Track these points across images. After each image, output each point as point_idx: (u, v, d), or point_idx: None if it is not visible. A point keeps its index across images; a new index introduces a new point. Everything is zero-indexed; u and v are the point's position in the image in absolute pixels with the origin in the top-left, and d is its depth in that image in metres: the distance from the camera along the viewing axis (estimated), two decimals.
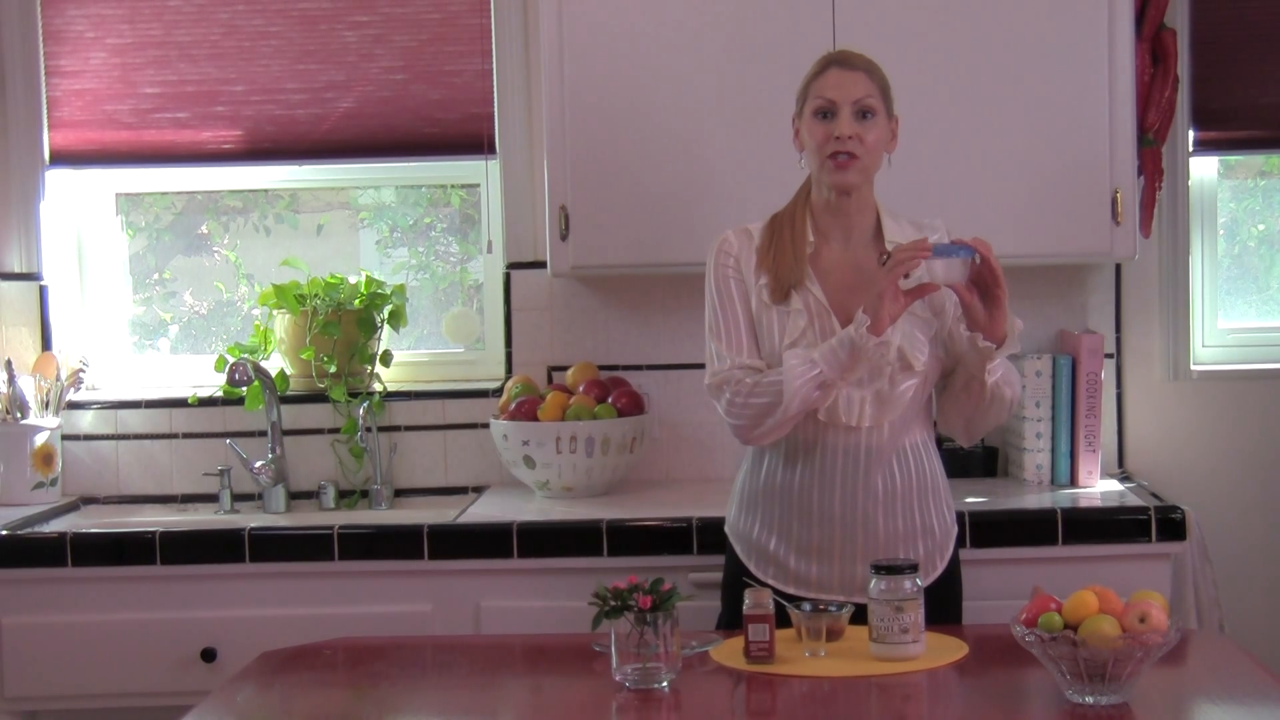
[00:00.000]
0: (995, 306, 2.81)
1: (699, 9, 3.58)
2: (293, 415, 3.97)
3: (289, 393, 3.98)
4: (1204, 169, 3.98)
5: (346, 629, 3.22)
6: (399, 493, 3.98)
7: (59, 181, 4.07)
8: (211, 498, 3.97)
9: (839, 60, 2.92)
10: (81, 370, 4.00)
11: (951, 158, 3.54)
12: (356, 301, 3.98)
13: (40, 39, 4.01)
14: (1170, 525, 3.33)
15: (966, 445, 3.03)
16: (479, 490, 3.93)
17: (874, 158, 2.89)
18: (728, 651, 2.71)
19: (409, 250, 4.22)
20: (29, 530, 3.60)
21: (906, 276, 2.79)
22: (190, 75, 4.00)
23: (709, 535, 3.30)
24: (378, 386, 3.99)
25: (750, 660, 2.64)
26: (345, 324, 3.95)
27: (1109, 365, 3.87)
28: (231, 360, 3.88)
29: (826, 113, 2.87)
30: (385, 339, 4.04)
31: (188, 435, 4.00)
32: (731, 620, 2.95)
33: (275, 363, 4.04)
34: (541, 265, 3.83)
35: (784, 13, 3.55)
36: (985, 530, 3.32)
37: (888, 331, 2.78)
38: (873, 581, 2.64)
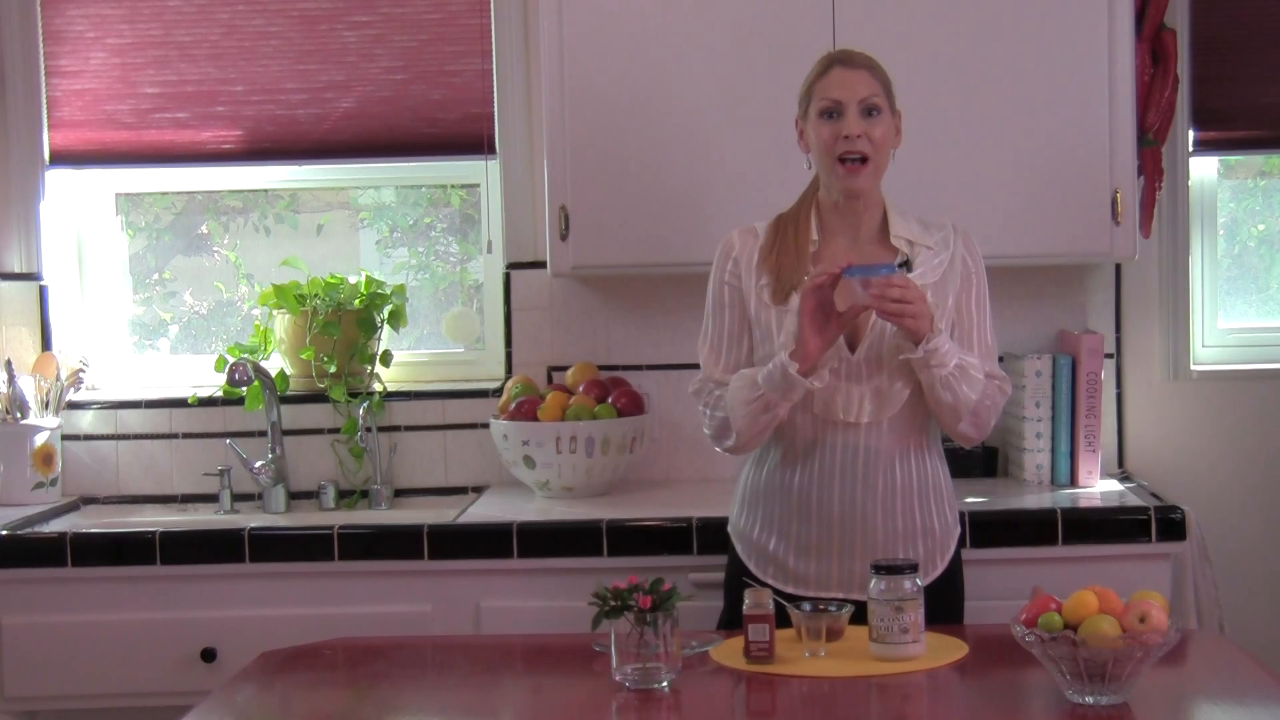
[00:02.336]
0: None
1: (699, 8, 3.58)
2: (293, 415, 3.97)
3: (289, 393, 3.98)
4: (1204, 169, 3.98)
5: (346, 629, 3.22)
6: (399, 493, 3.98)
7: (59, 181, 4.07)
8: (211, 498, 3.97)
9: (841, 59, 2.92)
10: (81, 370, 4.00)
11: (952, 158, 3.54)
12: (356, 301, 3.98)
13: (40, 39, 4.01)
14: (1170, 525, 3.33)
15: (965, 445, 3.03)
16: (479, 490, 3.93)
17: (883, 156, 2.90)
18: (728, 651, 2.71)
19: (409, 250, 4.22)
20: (29, 530, 3.60)
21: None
22: (190, 75, 4.01)
23: (709, 535, 3.30)
24: (378, 386, 3.99)
25: (750, 660, 2.64)
26: (345, 324, 3.95)
27: (1109, 365, 3.88)
28: (231, 360, 3.88)
29: (832, 113, 2.88)
30: (385, 339, 4.04)
31: (188, 435, 4.01)
32: (732, 620, 2.95)
33: (275, 363, 4.04)
34: (541, 265, 3.83)
35: (784, 12, 3.55)
36: (985, 530, 3.32)
37: (828, 356, 2.80)
38: (872, 581, 2.64)
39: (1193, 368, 3.93)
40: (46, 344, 4.04)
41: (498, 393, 3.94)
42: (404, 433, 3.99)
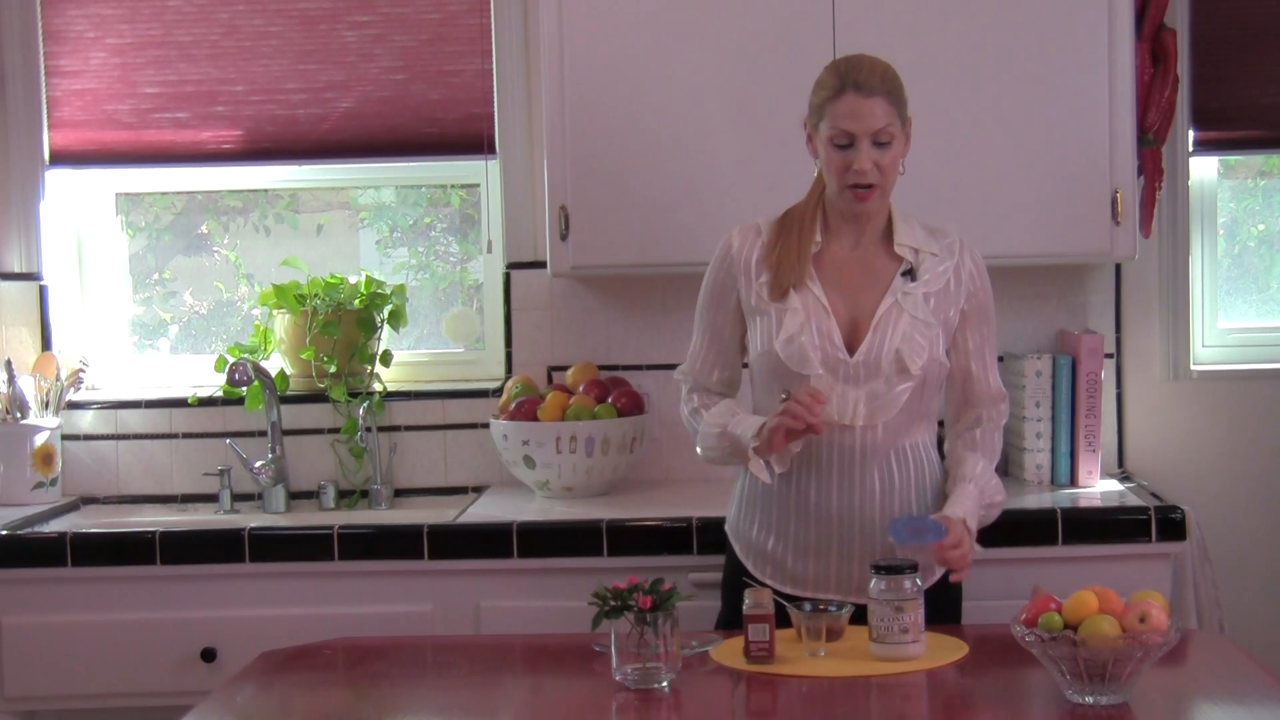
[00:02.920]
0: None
1: (699, 9, 3.58)
2: (293, 415, 3.97)
3: (289, 393, 3.98)
4: (1204, 169, 3.98)
5: (346, 629, 3.22)
6: (399, 493, 3.98)
7: (59, 181, 4.07)
8: (211, 498, 3.97)
9: (855, 84, 2.83)
10: (81, 370, 4.00)
11: (952, 158, 3.54)
12: (356, 301, 3.98)
13: (40, 39, 4.01)
14: (1170, 525, 3.33)
15: None
16: (479, 490, 3.93)
17: (891, 180, 2.88)
18: (728, 651, 2.71)
19: (409, 250, 4.22)
20: (29, 530, 3.60)
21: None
22: (190, 75, 4.00)
23: (709, 535, 3.30)
24: (378, 386, 3.99)
25: (750, 660, 2.64)
26: (345, 324, 3.95)
27: (1109, 365, 3.88)
28: (231, 360, 3.88)
29: (844, 144, 2.85)
30: (385, 339, 4.04)
31: (188, 435, 4.00)
32: (731, 620, 2.95)
33: (275, 363, 4.04)
34: (541, 265, 3.83)
35: (784, 13, 3.55)
36: (985, 530, 3.30)
37: (789, 449, 2.85)
38: (873, 581, 2.64)
39: (1193, 368, 3.93)
40: (46, 344, 4.04)
41: (498, 393, 3.94)
42: (404, 433, 3.99)
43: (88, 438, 4.02)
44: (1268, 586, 3.91)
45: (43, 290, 4.04)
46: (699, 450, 3.00)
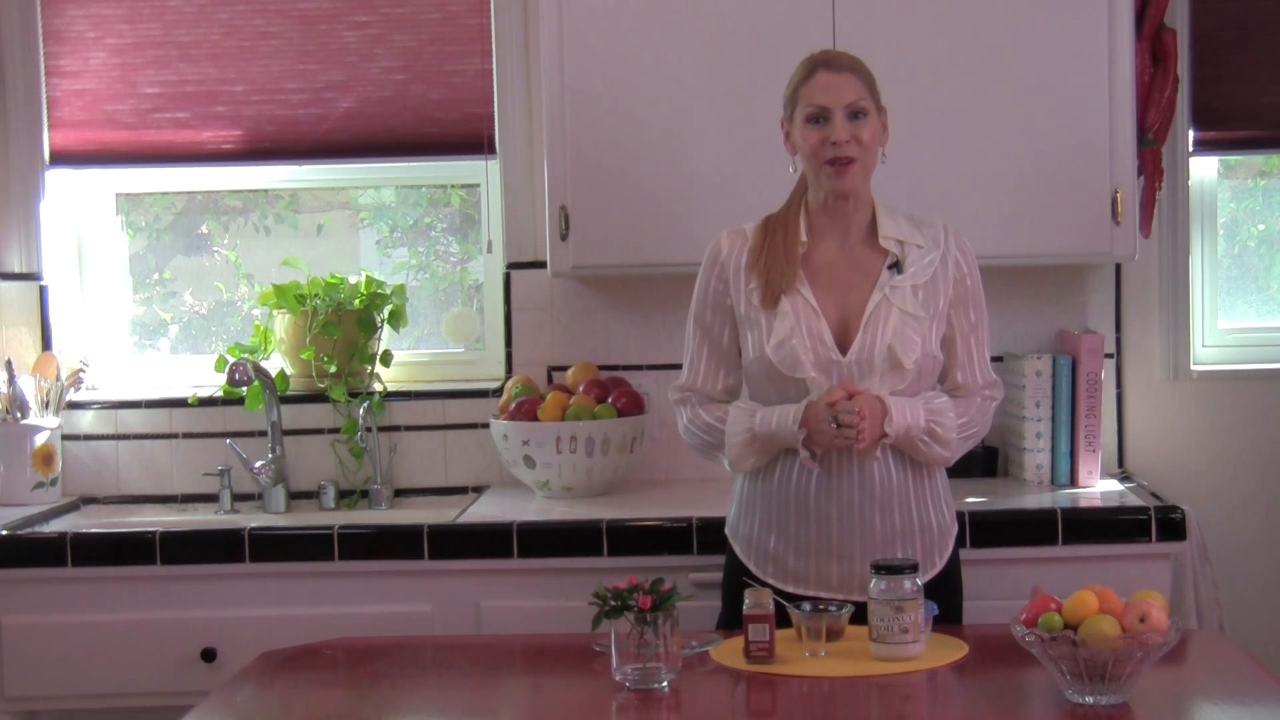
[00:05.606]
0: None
1: (699, 9, 3.58)
2: (293, 415, 3.97)
3: (289, 393, 3.98)
4: (1204, 169, 3.98)
5: (346, 629, 3.22)
6: (399, 493, 3.98)
7: (59, 181, 4.07)
8: (211, 498, 3.97)
9: (825, 63, 2.92)
10: (81, 370, 4.00)
11: (951, 158, 3.54)
12: (356, 301, 3.98)
13: (40, 39, 4.01)
14: (1170, 525, 3.33)
15: None
16: (479, 490, 3.93)
17: (871, 157, 2.91)
18: (728, 651, 2.71)
19: (409, 250, 4.22)
20: (29, 530, 3.60)
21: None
22: (190, 75, 4.01)
23: (709, 535, 3.30)
24: (378, 386, 3.99)
25: (750, 660, 2.64)
26: (345, 324, 3.95)
27: (1109, 365, 3.88)
28: (231, 360, 3.88)
29: (819, 119, 2.88)
30: (385, 339, 4.04)
31: (188, 435, 4.00)
32: (731, 620, 2.95)
33: (275, 363, 4.04)
34: (541, 265, 3.83)
35: (784, 13, 3.56)
36: (985, 530, 3.32)
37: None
38: (873, 581, 2.64)
39: (1193, 368, 3.93)
40: (46, 344, 4.04)
41: (498, 393, 3.94)
42: (404, 433, 3.99)
43: (88, 438, 4.02)
44: (1268, 586, 3.91)
45: (43, 290, 4.04)
46: (727, 463, 2.98)
